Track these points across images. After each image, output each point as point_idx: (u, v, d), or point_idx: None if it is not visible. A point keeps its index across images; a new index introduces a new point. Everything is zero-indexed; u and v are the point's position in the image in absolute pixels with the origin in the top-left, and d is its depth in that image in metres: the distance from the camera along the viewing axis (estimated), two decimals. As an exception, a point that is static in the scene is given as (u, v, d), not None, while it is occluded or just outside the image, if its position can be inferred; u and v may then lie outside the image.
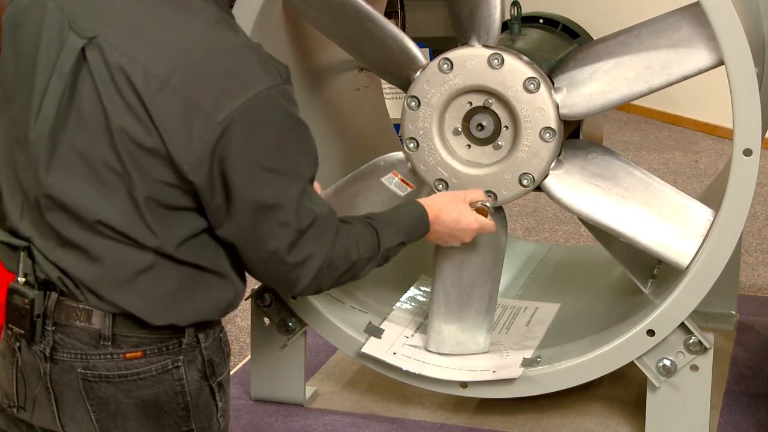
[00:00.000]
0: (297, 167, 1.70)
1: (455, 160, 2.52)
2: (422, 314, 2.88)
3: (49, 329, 1.71)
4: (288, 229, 1.72)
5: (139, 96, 1.61)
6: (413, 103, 2.50)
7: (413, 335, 2.76)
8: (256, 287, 2.77)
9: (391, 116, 3.42)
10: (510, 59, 2.41)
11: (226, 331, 1.87)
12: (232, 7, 1.83)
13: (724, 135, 5.89)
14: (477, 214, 2.34)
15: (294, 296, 1.91)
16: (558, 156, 2.47)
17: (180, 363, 1.74)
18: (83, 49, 1.64)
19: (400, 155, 2.59)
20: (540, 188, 2.51)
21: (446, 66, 2.44)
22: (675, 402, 2.51)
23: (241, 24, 1.82)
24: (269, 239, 1.72)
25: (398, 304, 2.90)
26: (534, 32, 2.82)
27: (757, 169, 2.30)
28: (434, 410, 2.81)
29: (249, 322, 2.88)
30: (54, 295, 1.71)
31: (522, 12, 2.75)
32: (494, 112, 2.47)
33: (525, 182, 2.48)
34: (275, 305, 2.76)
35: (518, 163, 2.47)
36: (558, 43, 2.84)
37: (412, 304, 2.92)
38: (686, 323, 2.44)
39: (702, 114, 6.16)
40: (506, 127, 2.48)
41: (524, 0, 2.75)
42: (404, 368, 2.61)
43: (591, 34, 2.97)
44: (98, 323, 1.69)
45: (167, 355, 1.73)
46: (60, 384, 1.72)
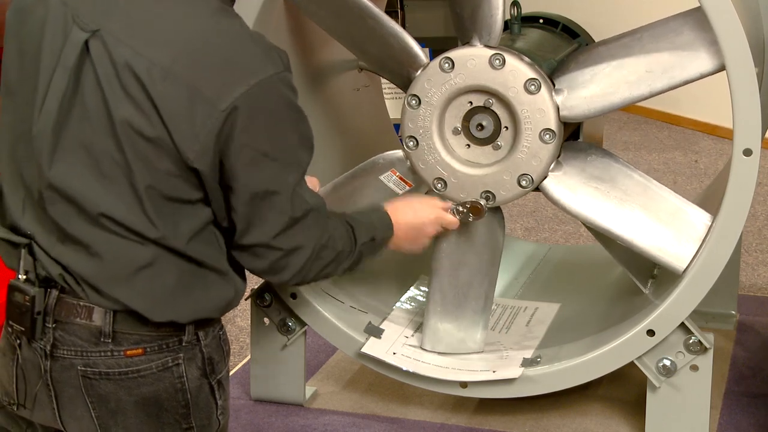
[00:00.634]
0: (295, 156, 1.73)
1: (454, 160, 2.52)
2: (422, 314, 2.87)
3: (50, 326, 1.71)
4: (282, 216, 1.74)
5: (143, 87, 1.62)
6: (414, 102, 2.50)
7: (413, 335, 2.76)
8: (256, 287, 2.77)
9: (391, 116, 3.42)
10: (511, 60, 2.41)
11: (226, 330, 1.87)
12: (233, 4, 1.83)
13: (724, 135, 5.89)
14: (436, 208, 2.33)
15: (278, 285, 1.92)
16: (557, 157, 2.47)
17: (180, 360, 1.74)
18: (86, 43, 1.65)
19: (399, 153, 2.59)
20: (538, 189, 2.51)
21: (447, 65, 2.44)
22: (675, 402, 2.51)
23: (241, 24, 1.82)
24: (263, 224, 1.73)
25: (398, 304, 2.90)
26: (534, 32, 2.82)
27: (757, 169, 2.30)
28: (434, 410, 2.81)
29: (249, 322, 2.88)
30: (55, 293, 1.71)
31: (522, 12, 2.75)
32: (494, 113, 2.47)
33: (524, 183, 2.47)
34: (275, 305, 2.76)
35: (517, 164, 2.47)
36: (558, 44, 2.84)
37: (412, 304, 2.92)
38: (686, 323, 2.44)
39: (702, 114, 6.16)
40: (506, 128, 2.48)
41: (524, 0, 2.75)
42: (404, 368, 2.61)
43: (591, 34, 2.97)
44: (99, 320, 1.70)
45: (167, 353, 1.73)
46: (60, 381, 1.72)
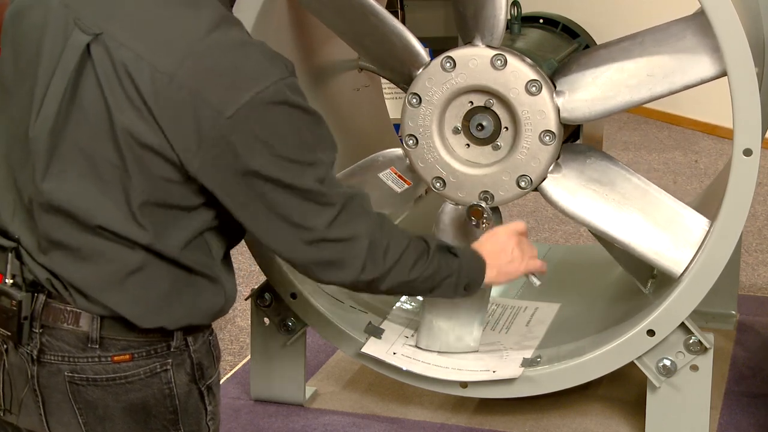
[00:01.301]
0: (314, 157, 1.69)
1: (454, 159, 2.52)
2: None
3: (37, 331, 1.69)
4: (322, 211, 1.71)
5: (145, 92, 1.60)
6: (414, 100, 2.49)
7: (413, 335, 2.76)
8: (256, 287, 2.77)
9: (391, 116, 3.42)
10: (513, 61, 2.40)
11: (225, 333, 1.86)
12: (233, 7, 1.82)
13: (724, 135, 5.90)
14: (506, 234, 2.29)
15: (357, 287, 1.81)
16: (556, 159, 2.47)
17: (168, 366, 1.72)
18: (88, 46, 1.62)
19: (399, 152, 2.59)
20: (537, 190, 2.51)
21: (449, 64, 2.44)
22: (675, 402, 2.51)
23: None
24: (302, 224, 1.70)
25: (398, 304, 2.90)
26: (534, 32, 2.82)
27: (757, 169, 2.30)
28: (434, 410, 2.81)
29: (249, 322, 2.88)
30: (42, 297, 1.69)
31: (522, 12, 2.75)
32: (495, 113, 2.47)
33: (522, 184, 2.47)
34: (275, 305, 2.76)
35: (516, 165, 2.47)
36: (558, 44, 2.84)
37: (412, 304, 2.92)
38: (686, 323, 2.44)
39: (702, 114, 6.16)
40: (506, 128, 2.48)
41: (524, 0, 2.75)
42: (404, 368, 2.61)
43: (591, 34, 2.97)
44: (86, 326, 1.68)
45: (156, 359, 1.71)
46: (47, 387, 1.71)
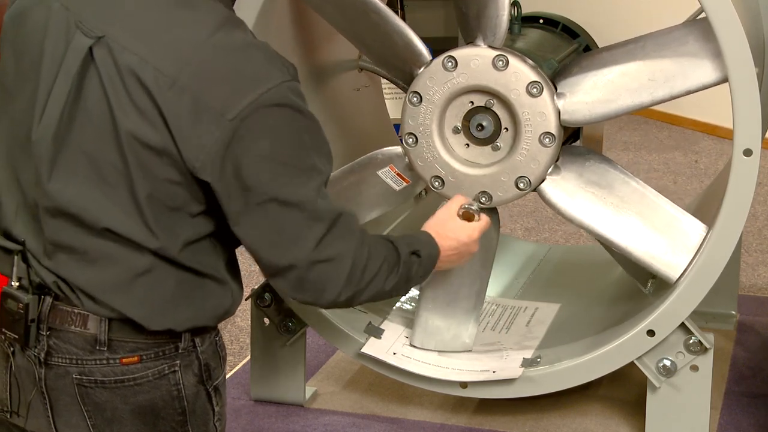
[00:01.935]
0: (312, 163, 1.68)
1: (453, 159, 2.52)
2: (422, 314, 2.88)
3: (44, 334, 1.69)
4: (313, 226, 1.69)
5: (150, 95, 1.59)
6: (415, 99, 2.49)
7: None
8: (257, 287, 2.77)
9: (391, 116, 3.42)
10: (515, 62, 2.40)
11: (225, 333, 1.86)
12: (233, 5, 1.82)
13: (724, 135, 5.90)
14: (470, 224, 2.27)
15: (330, 306, 1.80)
16: (556, 161, 2.47)
17: (177, 368, 1.72)
18: (90, 49, 1.62)
19: (398, 150, 2.59)
20: (535, 191, 2.50)
21: (450, 64, 2.44)
22: (675, 402, 2.51)
23: (241, 24, 1.82)
24: (294, 238, 1.68)
25: (398, 304, 2.90)
26: (534, 32, 2.82)
27: (757, 169, 2.30)
28: (434, 410, 2.81)
29: (249, 322, 2.88)
30: (49, 300, 1.69)
31: (522, 12, 2.75)
32: (495, 113, 2.47)
33: (521, 185, 2.47)
34: (275, 305, 2.76)
35: (516, 166, 2.47)
36: (558, 44, 2.84)
37: (412, 305, 2.92)
38: (686, 323, 2.44)
39: (702, 114, 6.16)
40: (506, 129, 2.47)
41: (524, 0, 2.75)
42: (404, 368, 2.61)
43: (591, 34, 2.97)
44: (94, 328, 1.68)
45: (164, 360, 1.71)
46: (55, 389, 1.70)
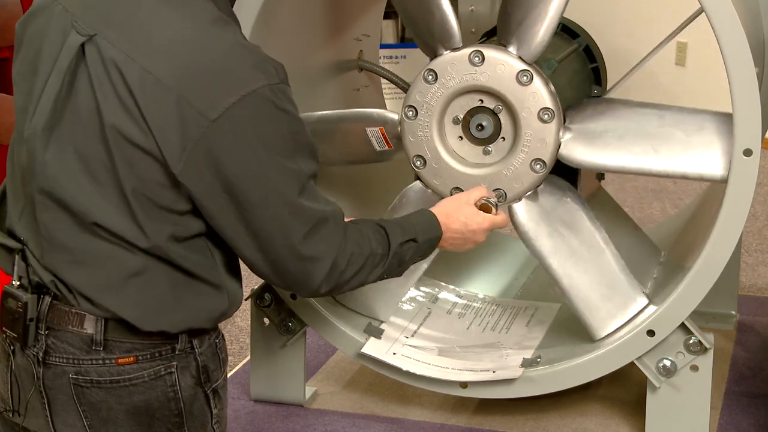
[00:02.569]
0: (295, 165, 1.69)
1: (442, 146, 2.51)
2: (423, 314, 2.88)
3: (42, 333, 1.70)
4: (295, 225, 1.70)
5: (134, 94, 1.61)
6: (430, 77, 2.48)
7: (413, 335, 2.76)
8: (257, 287, 2.77)
9: (391, 116, 3.41)
10: (538, 82, 2.39)
11: (225, 333, 1.86)
12: (233, 6, 1.82)
13: (724, 135, 5.88)
14: (484, 214, 2.29)
15: (313, 296, 1.94)
16: (537, 187, 2.48)
17: (173, 369, 1.72)
18: (83, 47, 1.64)
19: (394, 116, 2.58)
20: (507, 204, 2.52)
21: (477, 59, 2.42)
22: (675, 402, 2.51)
23: (242, 24, 1.82)
24: (274, 236, 1.70)
25: (398, 305, 2.90)
26: (534, 32, 2.81)
27: (757, 169, 2.30)
28: (434, 410, 2.81)
29: (249, 322, 2.88)
30: (47, 299, 1.70)
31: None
32: (499, 120, 2.46)
33: (498, 196, 2.48)
34: (275, 305, 2.75)
35: (499, 178, 2.47)
36: (558, 44, 2.84)
37: (412, 305, 2.92)
38: (686, 323, 2.44)
39: (702, 114, 6.15)
40: (503, 139, 2.47)
41: (524, 0, 2.74)
42: (404, 368, 2.61)
43: (591, 34, 2.97)
44: (90, 328, 1.68)
45: (160, 361, 1.71)
46: (53, 388, 1.71)
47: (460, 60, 2.45)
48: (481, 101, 2.47)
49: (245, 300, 2.64)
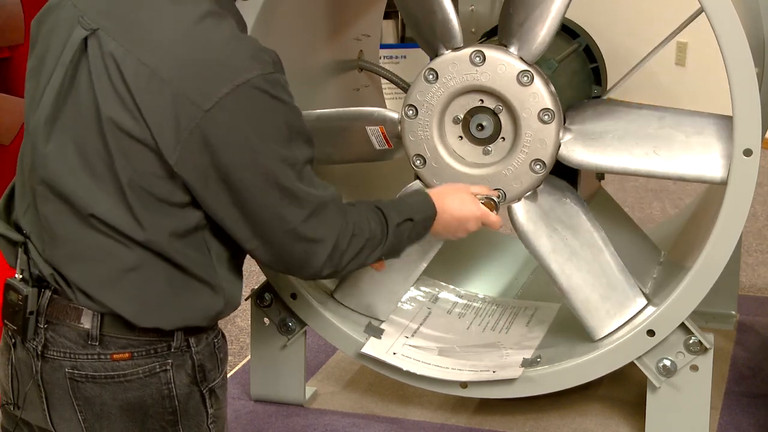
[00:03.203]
0: (290, 152, 1.70)
1: (442, 145, 2.52)
2: (423, 314, 2.88)
3: (42, 327, 1.71)
4: (294, 210, 1.72)
5: (130, 86, 1.63)
6: (431, 77, 2.48)
7: (413, 335, 2.76)
8: (257, 287, 2.77)
9: (391, 116, 3.41)
10: (538, 83, 2.40)
11: (225, 333, 1.86)
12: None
13: (724, 135, 5.88)
14: (479, 204, 2.29)
15: (314, 278, 1.92)
16: (537, 187, 2.48)
17: (168, 367, 1.72)
18: (85, 40, 1.67)
19: (394, 115, 2.58)
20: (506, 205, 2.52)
21: (478, 59, 2.43)
22: (675, 402, 2.51)
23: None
24: (272, 224, 1.72)
25: (398, 305, 2.90)
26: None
27: (757, 169, 2.30)
28: (434, 410, 2.81)
29: (249, 322, 2.88)
30: (48, 293, 1.71)
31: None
32: (499, 120, 2.47)
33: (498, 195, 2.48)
34: (275, 305, 2.76)
35: (498, 178, 2.47)
36: (558, 44, 2.84)
37: (413, 305, 2.92)
38: (686, 323, 2.44)
39: (702, 114, 6.15)
40: (503, 139, 2.48)
41: (524, 0, 2.74)
42: (404, 368, 2.61)
43: (591, 34, 2.97)
44: (87, 323, 1.69)
45: (155, 358, 1.72)
46: (50, 382, 1.72)
47: (461, 60, 2.45)
48: (482, 101, 2.48)
49: (245, 300, 2.65)
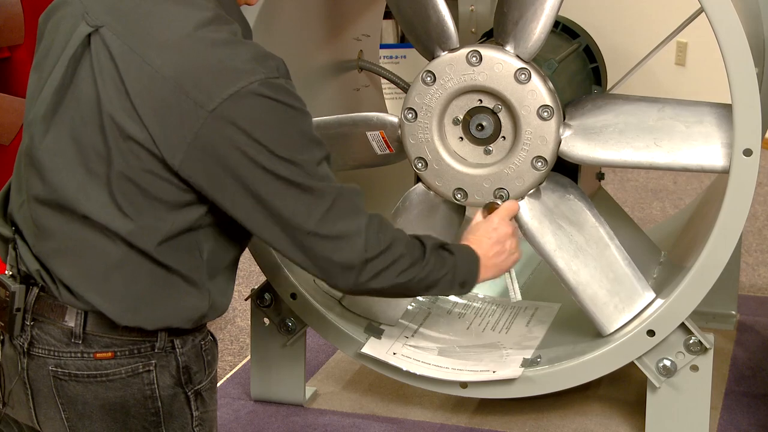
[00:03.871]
0: (299, 154, 1.69)
1: (443, 147, 2.52)
2: (423, 314, 2.88)
3: (29, 324, 1.71)
4: (311, 206, 1.70)
5: (131, 85, 1.63)
6: (429, 79, 2.48)
7: (413, 335, 2.76)
8: (257, 287, 2.77)
9: (391, 116, 3.41)
10: (536, 80, 2.39)
11: (225, 333, 1.85)
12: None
13: (724, 135, 5.88)
14: (503, 225, 2.27)
15: (352, 292, 1.84)
16: (539, 184, 2.48)
17: (152, 367, 1.72)
18: (89, 37, 1.68)
19: (394, 119, 2.58)
20: None
21: (475, 59, 2.43)
22: (675, 402, 2.51)
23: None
24: (294, 218, 1.70)
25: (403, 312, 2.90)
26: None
27: (757, 169, 2.30)
28: (434, 410, 2.81)
29: (249, 322, 2.88)
30: (35, 290, 1.71)
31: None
32: (499, 120, 2.47)
33: (500, 196, 2.48)
34: (275, 305, 2.76)
35: (500, 177, 2.47)
36: (558, 44, 2.84)
37: (413, 305, 2.92)
38: (686, 323, 2.44)
39: (702, 114, 6.14)
40: (503, 138, 2.47)
41: (524, 0, 2.74)
42: (404, 368, 2.61)
43: (591, 34, 2.97)
44: (71, 321, 1.69)
45: (138, 358, 1.71)
46: (35, 380, 1.72)
47: (458, 60, 2.45)
48: (480, 101, 2.48)
49: (245, 300, 2.64)
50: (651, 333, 2.45)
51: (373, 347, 2.66)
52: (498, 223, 2.27)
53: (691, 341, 2.45)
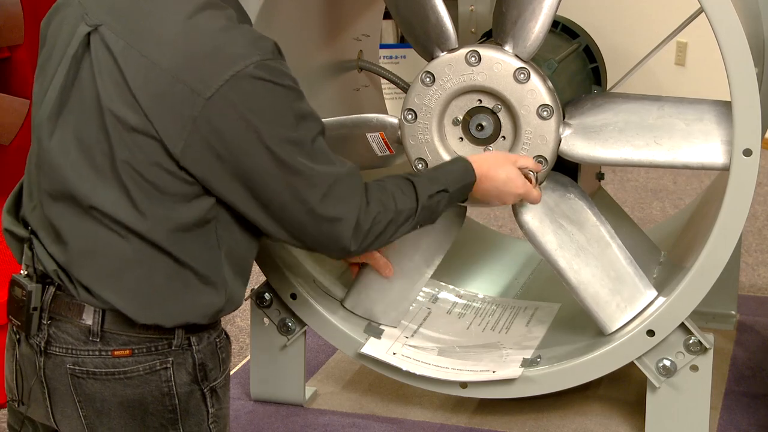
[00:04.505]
0: (297, 133, 1.72)
1: (443, 148, 2.52)
2: (423, 314, 2.88)
3: (45, 323, 1.72)
4: (306, 194, 1.74)
5: (132, 79, 1.65)
6: (428, 79, 2.48)
7: (413, 335, 2.76)
8: (257, 287, 2.77)
9: (391, 116, 3.41)
10: (535, 79, 2.40)
11: (228, 335, 1.86)
12: None
13: (724, 135, 5.88)
14: (525, 180, 2.33)
15: (343, 256, 1.96)
16: (540, 184, 2.49)
17: (169, 364, 1.73)
18: (89, 36, 1.70)
19: (394, 120, 2.58)
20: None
21: (474, 59, 2.43)
22: (675, 402, 2.51)
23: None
24: (288, 206, 1.74)
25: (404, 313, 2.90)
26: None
27: (757, 169, 2.30)
28: (434, 410, 2.81)
29: (249, 322, 2.88)
30: (52, 289, 1.72)
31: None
32: (498, 119, 2.47)
33: None
34: (275, 305, 2.76)
35: None
36: (558, 44, 2.84)
37: (413, 305, 2.91)
38: (686, 323, 2.44)
39: (702, 114, 6.14)
40: (503, 138, 2.47)
41: (524, 0, 2.74)
42: (404, 368, 2.61)
43: (591, 34, 2.97)
44: (89, 319, 1.70)
45: (156, 356, 1.72)
46: (53, 378, 1.73)
47: (457, 61, 2.45)
48: (480, 101, 2.48)
49: (245, 300, 2.64)
50: (651, 333, 2.45)
51: (373, 347, 2.66)
52: (518, 190, 2.30)
53: (691, 341, 2.45)
